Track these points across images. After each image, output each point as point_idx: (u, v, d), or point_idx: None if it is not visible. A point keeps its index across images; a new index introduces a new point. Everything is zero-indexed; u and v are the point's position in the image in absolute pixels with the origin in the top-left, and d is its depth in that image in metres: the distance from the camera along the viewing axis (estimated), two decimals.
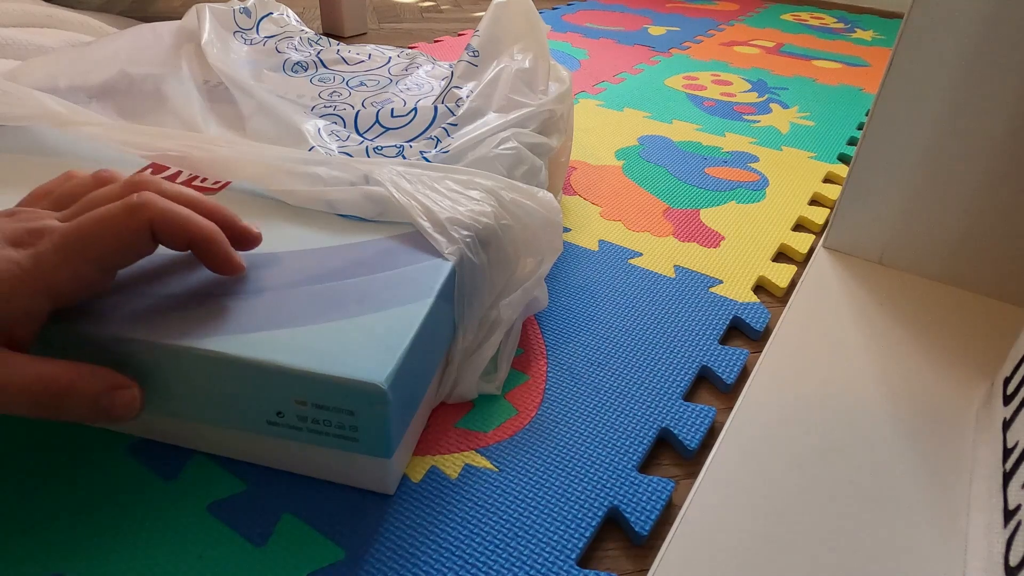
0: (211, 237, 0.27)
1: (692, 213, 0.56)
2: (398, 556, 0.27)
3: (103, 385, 0.24)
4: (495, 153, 0.38)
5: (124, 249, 0.26)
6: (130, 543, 0.27)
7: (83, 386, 0.24)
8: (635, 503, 0.30)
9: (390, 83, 0.49)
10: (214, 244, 0.27)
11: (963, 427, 0.36)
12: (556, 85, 0.48)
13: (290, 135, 0.40)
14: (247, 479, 0.30)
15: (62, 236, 0.24)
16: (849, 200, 0.49)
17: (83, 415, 0.24)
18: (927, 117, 0.43)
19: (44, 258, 0.24)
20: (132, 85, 0.44)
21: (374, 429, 0.27)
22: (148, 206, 0.25)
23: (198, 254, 0.28)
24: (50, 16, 0.64)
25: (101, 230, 0.25)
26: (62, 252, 0.24)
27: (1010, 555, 0.25)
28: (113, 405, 0.24)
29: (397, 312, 0.28)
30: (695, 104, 0.80)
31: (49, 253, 0.24)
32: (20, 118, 0.37)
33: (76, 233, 0.24)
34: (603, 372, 0.38)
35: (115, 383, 0.25)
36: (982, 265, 0.46)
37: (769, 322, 0.44)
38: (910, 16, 0.41)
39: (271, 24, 0.56)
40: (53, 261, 0.24)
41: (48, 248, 0.24)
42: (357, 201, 0.34)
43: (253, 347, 0.26)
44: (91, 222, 0.25)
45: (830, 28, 1.21)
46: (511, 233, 0.34)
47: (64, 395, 0.23)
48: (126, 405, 0.25)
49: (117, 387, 0.25)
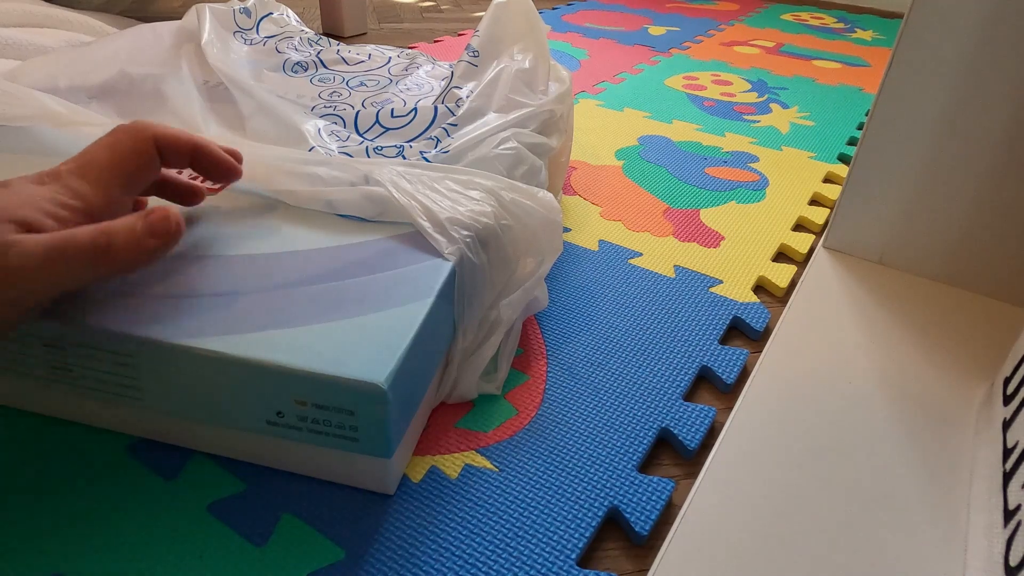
0: (208, 143, 0.31)
1: (692, 213, 0.56)
2: (398, 556, 0.27)
3: (137, 215, 0.26)
4: (495, 153, 0.38)
5: (136, 163, 0.28)
6: (130, 543, 0.27)
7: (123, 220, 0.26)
8: (635, 503, 0.30)
9: (390, 83, 0.49)
10: (212, 148, 0.31)
11: (963, 427, 0.36)
12: (556, 85, 0.48)
13: (290, 135, 0.40)
14: (247, 479, 0.30)
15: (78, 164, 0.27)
16: (849, 200, 0.49)
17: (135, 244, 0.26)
18: (927, 117, 0.43)
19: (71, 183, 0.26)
20: (132, 85, 0.44)
21: (374, 429, 0.27)
22: (149, 126, 0.29)
23: (198, 161, 0.31)
24: (50, 16, 0.64)
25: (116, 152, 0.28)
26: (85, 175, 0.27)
27: (1010, 555, 0.25)
28: (154, 221, 0.26)
29: (397, 312, 0.28)
30: (695, 104, 0.80)
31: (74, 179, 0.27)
32: (20, 118, 0.37)
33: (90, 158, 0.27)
34: (603, 372, 0.38)
35: (147, 211, 0.27)
36: (982, 265, 0.46)
37: (769, 322, 0.44)
38: (910, 16, 0.41)
39: (271, 24, 0.56)
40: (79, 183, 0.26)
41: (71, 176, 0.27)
42: (357, 201, 0.34)
43: (253, 347, 0.26)
44: (101, 146, 0.28)
45: (830, 28, 1.21)
46: (511, 233, 0.34)
47: (110, 230, 0.25)
48: (164, 218, 0.26)
49: (149, 212, 0.27)
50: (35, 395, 0.32)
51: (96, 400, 0.30)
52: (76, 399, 0.30)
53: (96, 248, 0.25)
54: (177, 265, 0.30)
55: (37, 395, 0.32)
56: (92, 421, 0.32)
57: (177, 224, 0.27)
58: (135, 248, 0.26)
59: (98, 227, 0.25)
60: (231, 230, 0.33)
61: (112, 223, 0.26)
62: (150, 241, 0.26)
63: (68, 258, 0.24)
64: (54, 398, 0.31)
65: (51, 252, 0.24)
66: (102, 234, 0.25)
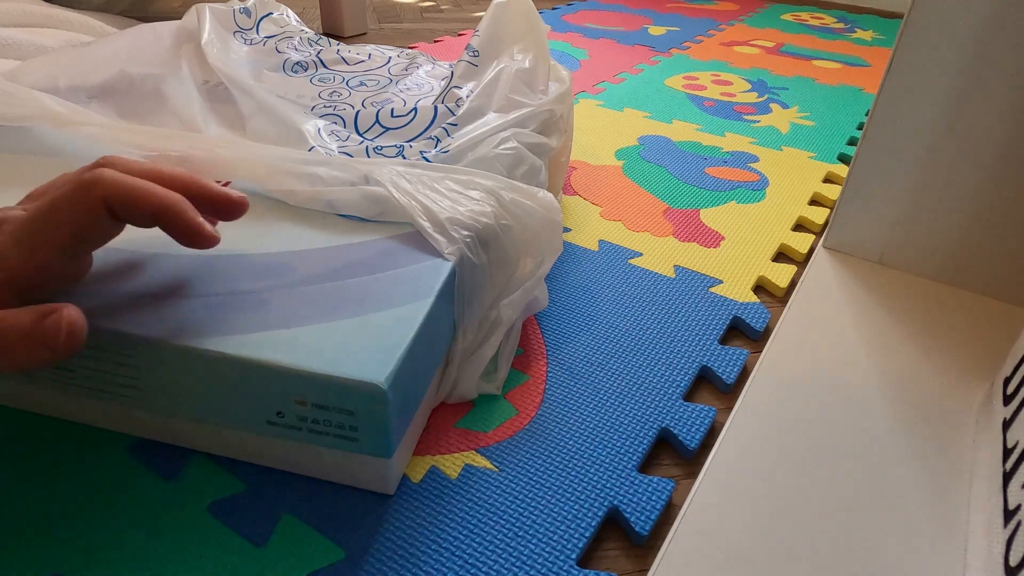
0: (171, 207, 0.25)
1: (692, 213, 0.56)
2: (398, 556, 0.27)
3: (36, 314, 0.23)
4: (495, 153, 0.38)
5: (81, 230, 0.24)
6: (130, 543, 0.27)
7: (16, 318, 0.23)
8: (635, 503, 0.30)
9: (390, 83, 0.49)
10: (176, 214, 0.25)
11: (963, 427, 0.36)
12: (556, 85, 0.48)
13: (290, 135, 0.40)
14: (247, 479, 0.30)
15: (17, 224, 0.24)
16: (849, 200, 0.49)
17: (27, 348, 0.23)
18: (927, 117, 0.43)
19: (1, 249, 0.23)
20: (132, 85, 0.44)
21: (374, 429, 0.27)
22: (99, 183, 0.24)
23: (164, 226, 0.26)
24: (50, 16, 0.64)
25: (54, 213, 0.24)
26: (16, 239, 0.24)
27: (1010, 555, 0.25)
28: (46, 329, 0.23)
29: (397, 312, 0.28)
30: (695, 104, 0.80)
31: (7, 243, 0.24)
32: (20, 118, 0.37)
33: (29, 219, 0.24)
34: (603, 372, 0.38)
35: (46, 311, 0.23)
36: (982, 265, 0.46)
37: (769, 322, 0.44)
38: (910, 16, 0.41)
39: (271, 24, 0.56)
40: (11, 250, 0.23)
41: (6, 238, 0.24)
42: (357, 201, 0.34)
43: (253, 347, 0.26)
44: (44, 206, 0.24)
45: (830, 28, 1.21)
46: (511, 233, 0.34)
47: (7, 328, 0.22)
48: (56, 326, 0.23)
49: (48, 312, 0.23)
50: (35, 395, 0.32)
51: (96, 400, 0.30)
52: (76, 399, 0.30)
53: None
54: (177, 265, 0.30)
55: (37, 395, 0.32)
56: (92, 421, 0.32)
57: (69, 333, 0.23)
58: (25, 352, 0.23)
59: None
60: (231, 230, 0.33)
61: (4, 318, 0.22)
62: (41, 351, 0.23)
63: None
64: (54, 398, 0.31)
65: None
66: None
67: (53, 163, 0.37)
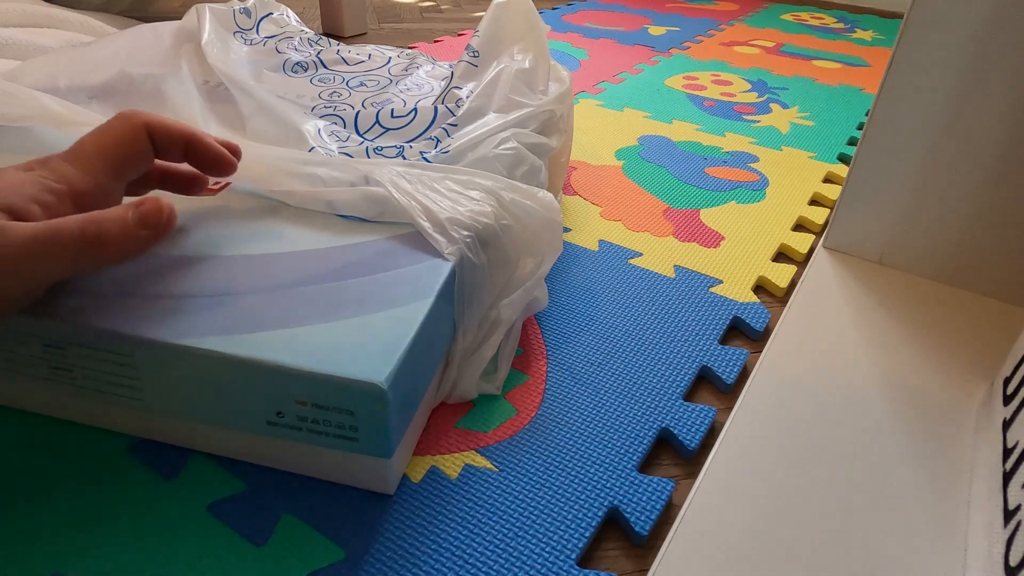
0: (201, 135, 0.30)
1: (692, 213, 0.56)
2: (398, 556, 0.27)
3: (128, 206, 0.26)
4: (495, 153, 0.38)
5: (127, 151, 0.28)
6: (130, 543, 0.27)
7: (114, 211, 0.26)
8: (635, 503, 0.30)
9: (390, 83, 0.49)
10: (206, 140, 0.30)
11: (963, 427, 0.36)
12: (556, 85, 0.48)
13: (290, 135, 0.40)
14: (247, 479, 0.30)
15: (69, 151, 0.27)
16: (849, 200, 0.49)
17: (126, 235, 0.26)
18: (927, 117, 0.43)
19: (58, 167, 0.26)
20: (132, 85, 0.44)
21: (374, 429, 0.27)
22: (141, 113, 0.29)
23: (192, 153, 0.30)
24: (50, 16, 0.64)
25: (102, 137, 0.28)
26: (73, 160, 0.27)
27: (1010, 555, 0.25)
28: (145, 212, 0.26)
29: (397, 312, 0.28)
30: (695, 104, 0.80)
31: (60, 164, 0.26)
32: (20, 118, 0.37)
33: (80, 144, 0.27)
34: (603, 372, 0.38)
35: (138, 201, 0.26)
36: (982, 265, 0.46)
37: (769, 322, 0.44)
38: (910, 16, 0.41)
39: (271, 24, 0.56)
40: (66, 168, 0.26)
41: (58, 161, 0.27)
42: (357, 201, 0.34)
43: (253, 347, 0.26)
44: (92, 134, 0.28)
45: (830, 28, 1.21)
46: (511, 233, 0.34)
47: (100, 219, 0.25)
48: (157, 209, 0.26)
49: (141, 202, 0.26)
50: (35, 395, 0.32)
51: (96, 400, 0.30)
52: (76, 399, 0.30)
53: (85, 237, 0.24)
54: (177, 265, 0.30)
55: (37, 395, 0.32)
56: (92, 421, 0.32)
57: (170, 214, 0.27)
58: (125, 238, 0.25)
59: (88, 216, 0.25)
60: (231, 230, 0.33)
61: (102, 212, 0.25)
62: (141, 232, 0.26)
63: (56, 247, 0.24)
64: (54, 398, 0.31)
65: (39, 239, 0.23)
66: (92, 223, 0.25)
67: None
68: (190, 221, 0.33)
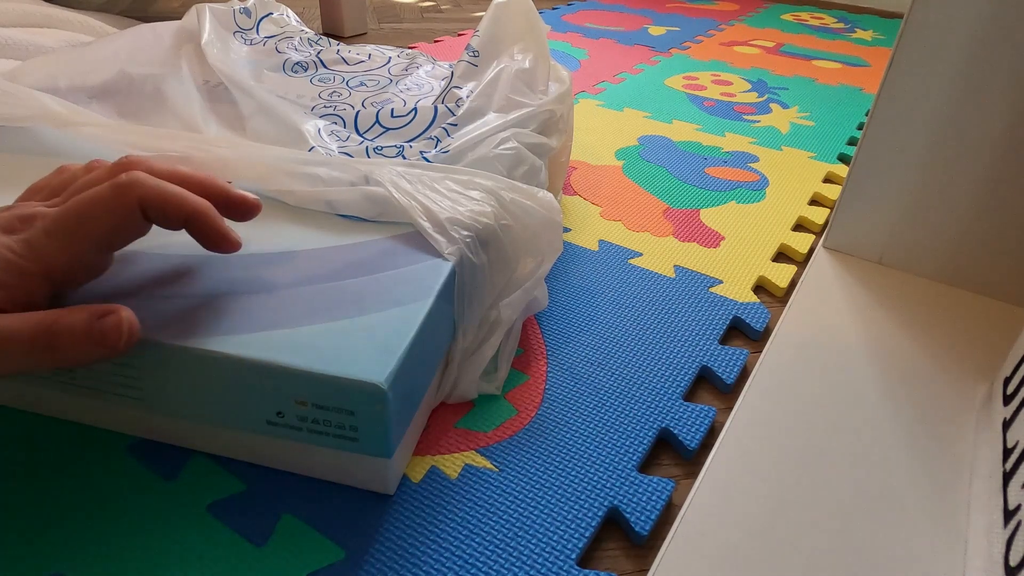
0: (205, 212, 0.27)
1: (692, 213, 0.56)
2: (398, 556, 0.27)
3: (88, 314, 0.24)
4: (495, 153, 0.38)
5: (116, 228, 0.26)
6: (130, 543, 0.27)
7: (70, 319, 0.24)
8: (635, 503, 0.30)
9: (390, 83, 0.49)
10: (208, 219, 0.27)
11: (963, 427, 0.36)
12: (556, 85, 0.48)
13: (290, 135, 0.40)
14: (247, 479, 0.30)
15: (52, 219, 0.25)
16: (849, 200, 0.49)
17: (79, 349, 0.24)
18: (927, 117, 0.43)
19: (36, 241, 0.24)
20: (132, 85, 0.44)
21: (374, 429, 0.27)
22: (137, 184, 0.25)
23: (192, 231, 0.27)
24: (50, 16, 0.64)
25: (91, 210, 0.25)
26: (54, 234, 0.25)
27: (1010, 555, 0.25)
28: (105, 329, 0.24)
29: (397, 312, 0.28)
30: (695, 104, 0.80)
31: (41, 236, 0.24)
32: (20, 118, 0.37)
33: (65, 215, 0.25)
34: (603, 372, 0.38)
35: (101, 311, 0.24)
36: (982, 265, 0.46)
37: (769, 322, 0.44)
38: (910, 16, 0.41)
39: (271, 24, 0.56)
40: (45, 243, 0.24)
41: (39, 231, 0.25)
42: (357, 201, 0.34)
43: (253, 347, 0.26)
44: (81, 203, 0.25)
45: (830, 28, 1.21)
46: (511, 233, 0.34)
47: (54, 330, 0.23)
48: (116, 327, 0.24)
49: (104, 313, 0.24)
50: (35, 395, 0.32)
51: (96, 400, 0.30)
52: (76, 399, 0.30)
53: (35, 345, 0.23)
54: (177, 265, 0.30)
55: (37, 395, 0.32)
56: (92, 421, 0.32)
57: (129, 334, 0.24)
58: (77, 352, 0.24)
59: (42, 322, 0.23)
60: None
61: (58, 319, 0.23)
62: (95, 349, 0.24)
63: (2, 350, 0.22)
64: (54, 398, 0.31)
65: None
66: (44, 332, 0.23)
67: (53, 163, 0.37)
68: None
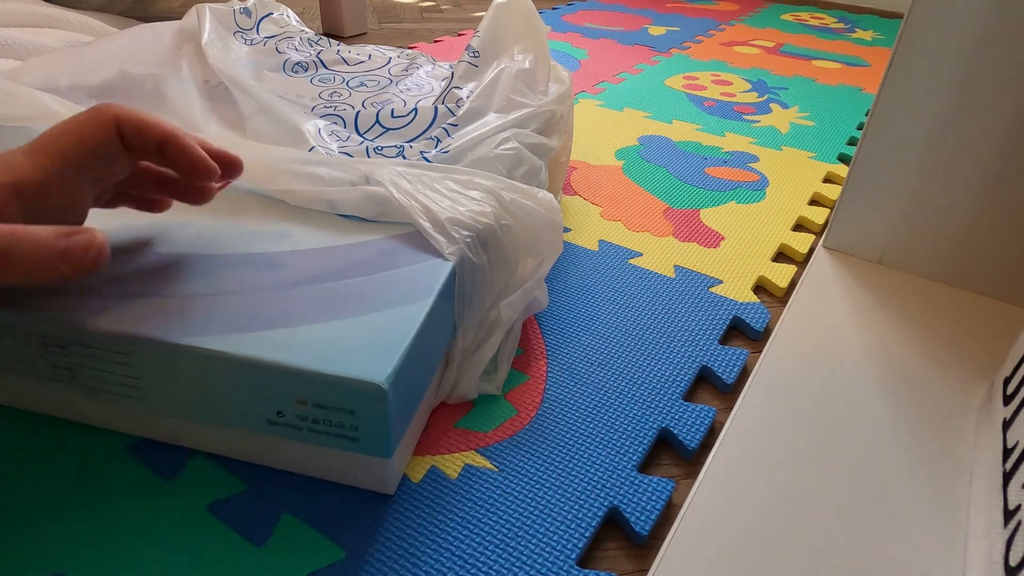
0: (181, 135, 0.27)
1: (692, 213, 0.56)
2: (398, 556, 0.27)
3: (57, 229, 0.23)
4: (495, 153, 0.38)
5: (91, 146, 0.26)
6: (130, 543, 0.27)
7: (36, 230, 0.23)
8: (635, 503, 0.30)
9: (390, 83, 0.49)
10: (184, 142, 0.27)
11: (963, 427, 0.36)
12: (556, 85, 0.48)
13: (290, 135, 0.40)
14: (247, 479, 0.30)
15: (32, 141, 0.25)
16: (849, 200, 0.49)
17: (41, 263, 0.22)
18: (927, 117, 0.43)
19: (10, 155, 0.24)
20: (132, 85, 0.44)
21: (374, 429, 0.27)
22: (115, 106, 0.26)
23: (168, 156, 0.27)
24: (50, 16, 0.64)
25: (67, 127, 0.26)
26: (29, 150, 0.25)
27: (1010, 555, 0.25)
28: (72, 246, 0.23)
29: (397, 312, 0.28)
30: (695, 104, 0.80)
31: (16, 152, 0.25)
32: (20, 118, 0.37)
33: (43, 135, 0.25)
34: (603, 372, 0.38)
35: (71, 230, 0.23)
36: (982, 265, 0.46)
37: (769, 322, 0.44)
38: (910, 16, 0.41)
39: (271, 24, 0.56)
40: (20, 158, 0.24)
41: (17, 149, 0.25)
42: (357, 201, 0.34)
43: (253, 346, 0.26)
44: (58, 125, 0.26)
45: (830, 28, 1.21)
46: (511, 233, 0.34)
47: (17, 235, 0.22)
48: (85, 245, 0.23)
49: (74, 232, 0.23)
50: (35, 395, 0.32)
51: (96, 400, 0.30)
52: (76, 399, 0.30)
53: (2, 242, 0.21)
54: (177, 264, 0.30)
55: (37, 395, 0.32)
56: (92, 421, 0.32)
57: (98, 254, 0.23)
58: (38, 264, 0.22)
59: (8, 228, 0.22)
60: (231, 230, 0.33)
61: (30, 229, 0.22)
62: (59, 265, 0.23)
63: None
64: (54, 398, 0.31)
65: None
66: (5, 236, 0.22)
67: None
68: (190, 220, 0.33)
